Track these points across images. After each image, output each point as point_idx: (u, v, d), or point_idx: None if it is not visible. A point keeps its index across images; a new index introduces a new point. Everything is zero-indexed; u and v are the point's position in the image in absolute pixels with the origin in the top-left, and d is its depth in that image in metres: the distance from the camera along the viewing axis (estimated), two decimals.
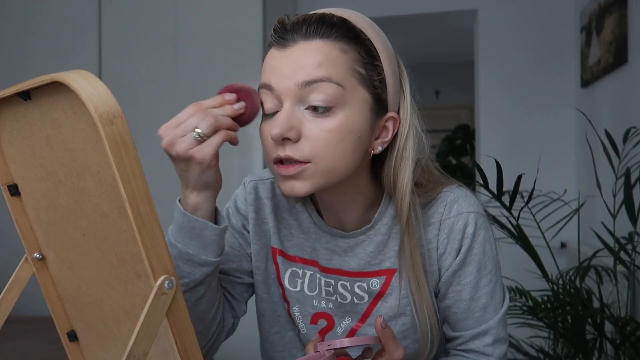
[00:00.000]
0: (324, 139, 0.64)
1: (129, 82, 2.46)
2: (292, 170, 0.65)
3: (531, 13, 2.66)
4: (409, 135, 0.70)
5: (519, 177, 1.34)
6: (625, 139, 1.48)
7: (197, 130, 0.61)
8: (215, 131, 0.62)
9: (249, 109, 0.65)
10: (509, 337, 0.81)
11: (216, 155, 0.63)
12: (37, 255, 0.63)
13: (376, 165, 0.75)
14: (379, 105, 0.69)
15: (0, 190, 0.61)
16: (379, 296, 0.77)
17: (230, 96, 0.65)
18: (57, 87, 0.46)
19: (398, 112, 0.72)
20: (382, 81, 0.68)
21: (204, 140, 0.61)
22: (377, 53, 0.68)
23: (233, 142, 0.64)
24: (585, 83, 2.41)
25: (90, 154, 0.46)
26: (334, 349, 0.64)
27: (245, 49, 2.36)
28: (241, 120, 0.65)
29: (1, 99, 0.53)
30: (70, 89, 0.42)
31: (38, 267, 0.64)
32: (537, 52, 2.65)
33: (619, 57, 1.97)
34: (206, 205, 0.68)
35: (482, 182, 1.41)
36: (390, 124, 0.70)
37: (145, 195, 0.43)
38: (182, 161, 0.63)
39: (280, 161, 0.66)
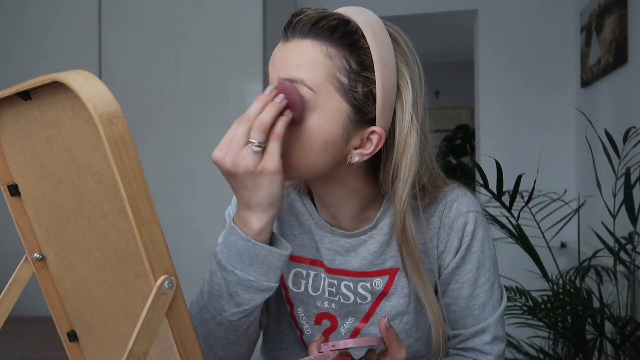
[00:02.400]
0: (289, 136, 0.66)
1: (129, 82, 2.46)
2: None
3: (531, 13, 2.66)
4: (404, 154, 0.68)
5: (519, 177, 1.34)
6: (625, 139, 1.48)
7: (252, 140, 0.61)
8: (267, 134, 0.62)
9: (291, 100, 0.64)
10: (507, 337, 0.82)
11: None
12: (37, 255, 0.63)
13: (377, 168, 0.75)
14: (361, 116, 0.67)
15: (0, 190, 0.61)
16: (382, 296, 0.77)
17: (269, 90, 0.65)
18: (57, 87, 0.45)
19: (393, 128, 0.69)
20: (369, 94, 0.66)
21: (264, 148, 0.62)
22: (372, 65, 0.66)
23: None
24: (585, 83, 2.41)
25: (90, 154, 0.46)
26: (338, 349, 0.64)
27: (245, 49, 2.36)
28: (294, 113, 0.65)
29: (1, 99, 0.53)
30: (70, 89, 0.42)
31: (38, 267, 0.64)
32: (537, 52, 2.65)
33: (619, 57, 1.97)
34: (269, 228, 0.66)
35: (482, 182, 1.41)
36: (374, 138, 0.68)
37: (145, 195, 0.43)
38: (250, 179, 0.62)
39: None
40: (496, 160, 1.33)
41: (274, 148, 0.62)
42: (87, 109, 0.41)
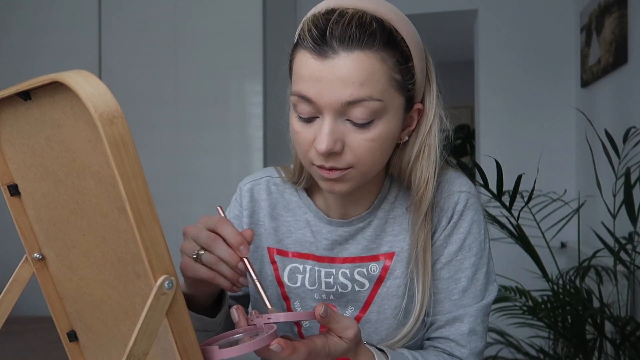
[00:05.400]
0: (365, 147, 0.66)
1: (129, 82, 2.46)
2: (334, 175, 0.67)
3: (531, 13, 2.66)
4: (434, 123, 0.72)
5: (519, 177, 1.34)
6: (625, 139, 1.48)
7: (200, 252, 0.63)
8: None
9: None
10: (507, 337, 0.81)
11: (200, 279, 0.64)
12: (37, 255, 0.63)
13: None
14: (409, 103, 0.70)
15: (0, 190, 0.61)
16: (379, 281, 0.77)
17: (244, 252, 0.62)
18: (57, 87, 0.45)
19: (423, 101, 0.73)
20: (413, 80, 0.68)
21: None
22: (410, 52, 0.67)
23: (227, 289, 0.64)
24: (585, 83, 2.41)
25: (90, 154, 0.46)
26: (272, 322, 0.60)
27: (245, 49, 2.36)
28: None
29: (1, 99, 0.53)
30: (70, 89, 0.42)
31: (38, 267, 0.64)
32: (537, 52, 2.65)
33: (619, 57, 1.97)
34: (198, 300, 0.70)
35: (482, 182, 1.41)
36: (415, 114, 0.72)
37: (145, 195, 0.43)
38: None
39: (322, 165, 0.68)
40: (496, 160, 1.33)
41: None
42: (87, 109, 0.41)
